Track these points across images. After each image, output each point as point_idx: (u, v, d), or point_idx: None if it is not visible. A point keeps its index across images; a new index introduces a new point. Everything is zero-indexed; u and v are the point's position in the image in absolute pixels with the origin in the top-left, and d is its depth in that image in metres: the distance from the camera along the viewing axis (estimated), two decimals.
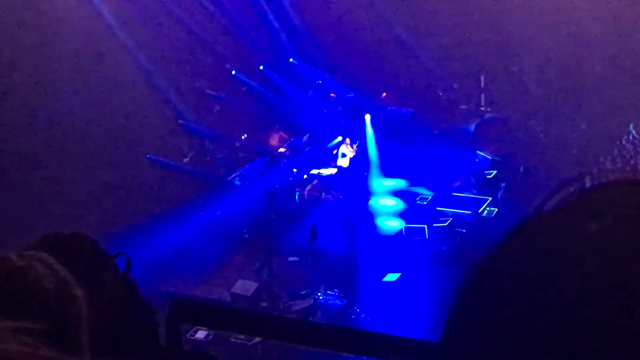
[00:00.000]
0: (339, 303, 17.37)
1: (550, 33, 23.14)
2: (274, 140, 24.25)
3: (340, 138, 23.21)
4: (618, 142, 21.81)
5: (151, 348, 1.92)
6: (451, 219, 19.45)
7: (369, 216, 20.64)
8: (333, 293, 17.54)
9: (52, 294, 1.68)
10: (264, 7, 24.47)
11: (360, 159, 22.83)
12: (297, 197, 21.67)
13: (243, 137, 23.97)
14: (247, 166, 22.59)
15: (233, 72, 24.57)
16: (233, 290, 17.33)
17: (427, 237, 18.96)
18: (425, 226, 19.21)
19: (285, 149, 23.62)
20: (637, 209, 0.85)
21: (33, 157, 18.86)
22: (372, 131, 23.90)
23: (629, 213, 0.85)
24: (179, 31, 22.43)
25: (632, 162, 21.14)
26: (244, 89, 24.98)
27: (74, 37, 19.46)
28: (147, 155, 21.47)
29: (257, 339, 14.14)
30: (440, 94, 26.40)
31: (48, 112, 19.10)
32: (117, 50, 21.11)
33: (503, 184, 20.50)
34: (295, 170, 22.43)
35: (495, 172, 21.91)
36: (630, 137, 21.85)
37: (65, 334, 1.66)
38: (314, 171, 22.59)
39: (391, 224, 20.44)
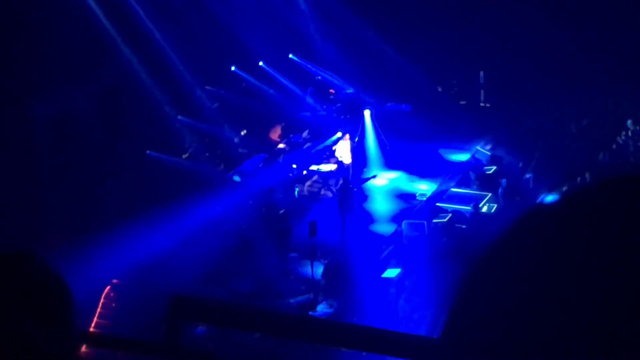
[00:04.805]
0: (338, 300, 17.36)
1: (549, 29, 23.16)
2: (275, 134, 24.26)
3: (339, 134, 23.21)
4: (617, 138, 21.86)
5: None
6: (451, 215, 19.44)
7: (367, 214, 20.67)
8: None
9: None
10: (263, 4, 24.47)
11: (359, 155, 22.84)
12: (296, 193, 21.67)
13: (242, 133, 23.96)
14: (246, 162, 22.58)
15: (232, 68, 24.57)
16: None
17: (426, 233, 18.96)
18: (425, 222, 19.20)
19: (284, 145, 23.62)
20: (636, 204, 0.85)
21: (32, 154, 18.87)
22: (372, 126, 23.91)
23: (628, 208, 0.85)
24: (178, 27, 22.41)
25: (630, 157, 21.17)
26: (243, 85, 24.98)
27: (74, 36, 19.45)
28: (147, 151, 21.47)
29: (257, 335, 14.14)
30: (440, 89, 26.43)
31: (47, 109, 19.11)
32: (117, 47, 21.11)
33: (503, 180, 20.49)
34: (294, 166, 22.43)
35: (494, 167, 21.91)
36: (629, 133, 21.89)
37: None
38: (314, 167, 22.59)
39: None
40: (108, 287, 16.43)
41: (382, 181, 22.44)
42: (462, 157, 23.53)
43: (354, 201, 19.99)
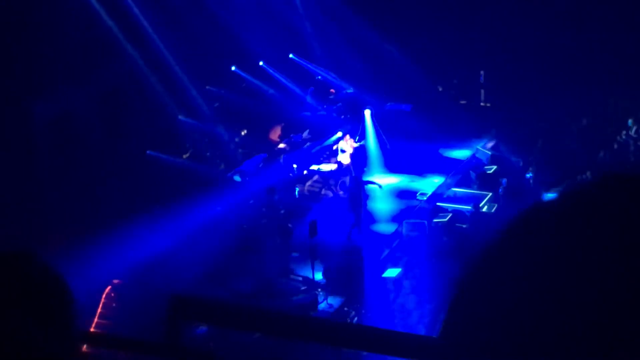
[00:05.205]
0: (339, 299, 17.35)
1: (549, 29, 23.15)
2: (274, 135, 24.26)
3: (340, 133, 23.21)
4: (617, 137, 21.85)
5: None
6: (451, 214, 19.44)
7: (368, 213, 20.66)
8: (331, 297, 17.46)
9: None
10: (263, 4, 24.46)
11: (359, 154, 22.82)
12: (297, 192, 21.67)
13: (243, 133, 23.96)
14: (246, 162, 22.58)
15: (232, 68, 24.56)
16: None
17: (427, 232, 18.96)
18: (426, 222, 19.21)
19: (284, 145, 23.62)
20: (636, 203, 0.85)
21: (32, 154, 18.87)
22: (372, 126, 23.90)
23: (628, 207, 0.85)
24: (178, 27, 22.41)
25: (631, 156, 21.17)
26: (243, 84, 24.98)
27: (74, 36, 19.45)
28: (147, 151, 21.47)
29: (257, 335, 14.14)
30: (440, 89, 26.43)
31: (47, 109, 19.11)
32: (117, 47, 21.12)
33: (504, 180, 20.49)
34: (295, 166, 22.43)
35: (495, 167, 21.91)
36: (630, 132, 21.89)
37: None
38: (314, 167, 22.59)
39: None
40: (109, 287, 16.44)
41: (384, 183, 22.36)
42: (463, 153, 23.59)
43: (363, 201, 19.95)
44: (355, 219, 19.32)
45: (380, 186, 21.08)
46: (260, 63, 25.00)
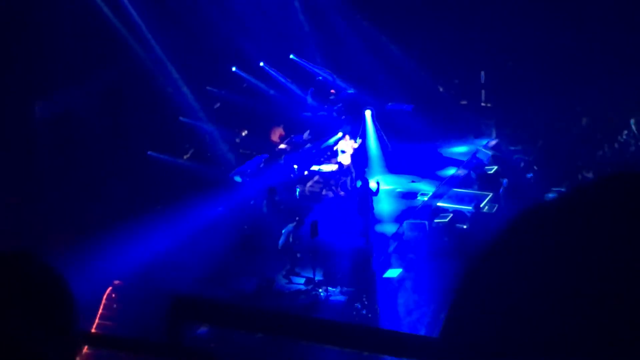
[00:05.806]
0: (340, 299, 17.38)
1: (549, 29, 23.15)
2: (275, 135, 24.26)
3: (340, 134, 23.21)
4: (619, 137, 21.84)
5: None
6: (452, 214, 19.43)
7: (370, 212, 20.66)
8: (334, 289, 17.56)
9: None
10: (264, 5, 24.47)
11: (360, 155, 22.81)
12: (297, 193, 21.67)
13: (243, 134, 23.96)
14: (247, 163, 22.59)
15: (233, 69, 24.56)
16: None
17: (428, 233, 18.95)
18: (426, 222, 19.20)
19: (285, 145, 23.62)
20: (636, 203, 0.85)
21: (33, 154, 18.89)
22: (373, 127, 23.90)
23: (628, 206, 0.85)
24: (180, 28, 22.42)
25: (632, 156, 21.17)
26: (244, 85, 24.98)
27: (74, 36, 19.46)
28: (148, 152, 21.48)
29: (259, 335, 14.13)
30: (441, 89, 26.42)
31: (48, 109, 19.13)
32: (118, 48, 21.13)
33: (504, 180, 20.48)
34: (296, 166, 22.43)
35: (496, 167, 21.91)
36: (631, 132, 21.89)
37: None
38: (315, 167, 22.59)
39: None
40: (110, 288, 16.44)
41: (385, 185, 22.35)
42: (462, 149, 23.61)
43: (371, 203, 19.89)
44: (364, 221, 19.28)
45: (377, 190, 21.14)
46: (261, 64, 25.00)
